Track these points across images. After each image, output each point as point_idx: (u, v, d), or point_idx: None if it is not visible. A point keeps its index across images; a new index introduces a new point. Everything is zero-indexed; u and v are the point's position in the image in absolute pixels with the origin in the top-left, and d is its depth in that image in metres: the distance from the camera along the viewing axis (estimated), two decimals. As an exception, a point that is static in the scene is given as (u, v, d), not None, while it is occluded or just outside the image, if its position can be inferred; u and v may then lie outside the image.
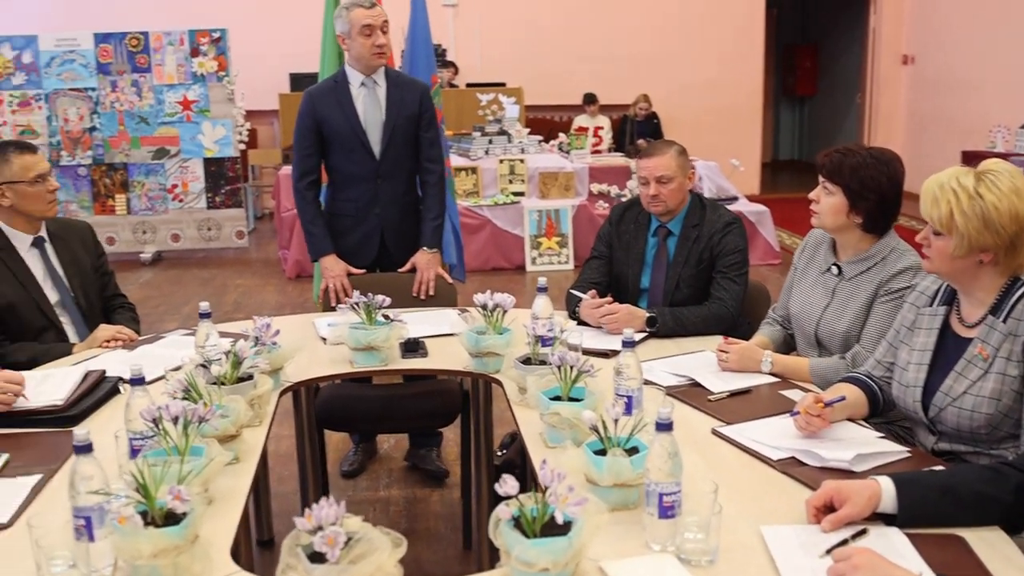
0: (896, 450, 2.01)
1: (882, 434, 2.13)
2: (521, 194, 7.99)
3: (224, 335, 2.62)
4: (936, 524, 1.68)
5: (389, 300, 2.77)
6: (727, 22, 11.19)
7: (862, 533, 1.66)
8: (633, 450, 1.81)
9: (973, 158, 7.59)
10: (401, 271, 3.64)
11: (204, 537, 1.67)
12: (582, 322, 3.05)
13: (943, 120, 10.71)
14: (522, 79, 10.14)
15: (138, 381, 1.93)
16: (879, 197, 2.48)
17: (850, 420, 2.20)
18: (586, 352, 2.62)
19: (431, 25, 9.97)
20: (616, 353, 2.68)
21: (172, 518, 1.55)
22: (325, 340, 2.92)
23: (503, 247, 7.80)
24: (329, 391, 3.36)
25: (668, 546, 1.63)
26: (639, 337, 2.91)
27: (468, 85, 10.02)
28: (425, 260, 3.61)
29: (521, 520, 1.50)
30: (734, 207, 7.75)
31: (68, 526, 1.58)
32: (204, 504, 1.77)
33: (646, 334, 2.93)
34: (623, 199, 7.44)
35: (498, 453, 3.27)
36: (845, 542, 1.62)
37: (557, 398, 2.16)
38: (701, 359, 2.68)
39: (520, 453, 2.91)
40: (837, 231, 2.60)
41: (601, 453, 1.81)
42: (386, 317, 2.78)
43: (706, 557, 1.60)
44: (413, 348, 2.85)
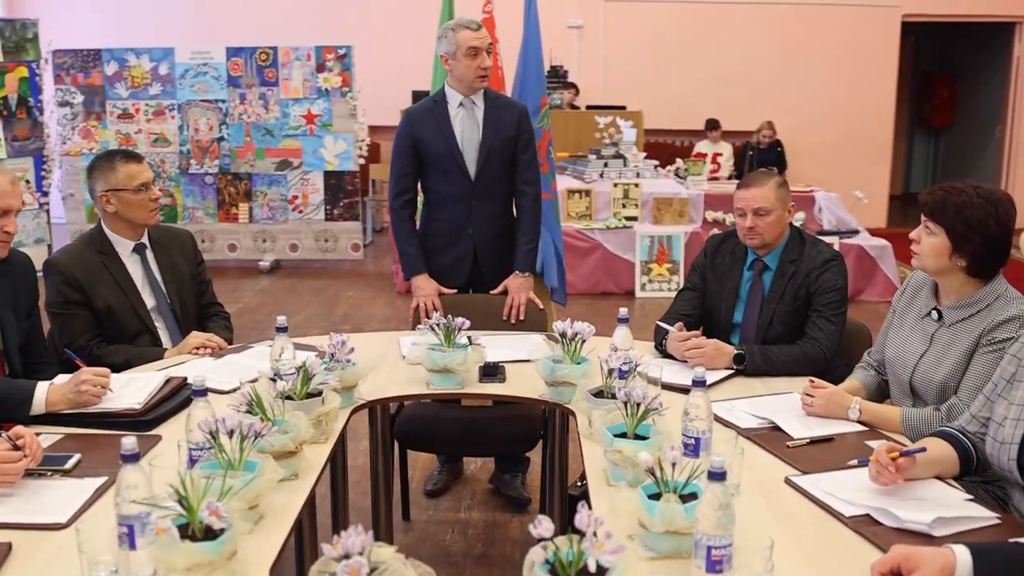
0: (984, 515, 1.86)
1: (971, 496, 1.97)
2: (634, 219, 7.89)
3: (300, 348, 2.65)
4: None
5: (468, 323, 2.74)
6: (860, 49, 10.81)
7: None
8: (691, 496, 1.73)
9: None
10: (493, 293, 3.61)
11: (246, 553, 1.68)
12: (668, 355, 2.96)
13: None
14: (644, 102, 10.03)
15: (200, 392, 1.96)
16: (985, 239, 2.31)
17: (938, 478, 2.05)
18: (666, 387, 2.55)
19: (556, 46, 10.21)
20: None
21: (211, 533, 1.55)
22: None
23: (613, 271, 7.71)
24: (412, 410, 3.36)
25: (715, 602, 1.54)
26: (726, 374, 2.80)
27: (588, 107, 9.98)
28: (517, 284, 3.58)
29: (556, 564, 1.44)
30: (854, 240, 7.47)
31: (115, 532, 1.61)
32: (250, 520, 1.78)
33: (733, 371, 2.82)
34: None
35: (578, 483, 3.20)
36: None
37: (623, 435, 2.09)
38: (786, 401, 2.56)
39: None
40: (939, 274, 2.44)
41: (656, 497, 1.73)
42: (470, 340, 2.76)
43: (753, 618, 1.51)
44: (491, 372, 2.82)
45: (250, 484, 1.75)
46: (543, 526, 1.42)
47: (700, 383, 2.07)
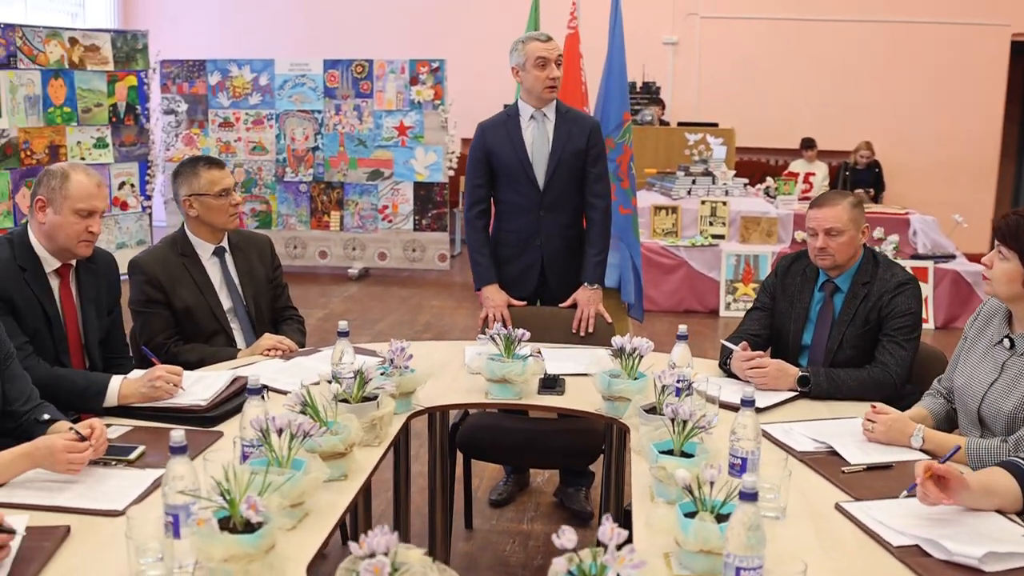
0: (1041, 553, 1.79)
1: (1031, 533, 1.89)
2: (721, 237, 7.80)
3: (361, 352, 2.71)
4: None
5: (528, 334, 2.76)
6: (966, 68, 10.46)
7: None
8: (729, 516, 1.71)
9: None
10: (562, 306, 3.63)
11: (287, 548, 1.72)
12: (733, 375, 2.92)
13: None
14: (737, 119, 9.90)
15: (255, 391, 2.03)
16: (1060, 267, 2.23)
17: (999, 512, 1.97)
18: (724, 406, 2.52)
19: (650, 62, 10.18)
20: (759, 410, 2.57)
21: (251, 526, 1.61)
22: (470, 368, 2.95)
23: (697, 290, 7.62)
24: (476, 419, 3.40)
25: (742, 625, 1.52)
26: (788, 396, 2.76)
27: (680, 124, 9.91)
28: (586, 296, 3.59)
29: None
30: (949, 265, 7.24)
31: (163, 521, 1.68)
32: (294, 517, 1.83)
33: (796, 393, 2.77)
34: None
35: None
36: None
37: (670, 451, 2.08)
38: (847, 426, 2.50)
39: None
40: (1012, 301, 2.36)
41: (693, 515, 1.72)
42: (537, 352, 2.78)
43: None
44: (551, 385, 2.83)
45: (293, 481, 1.80)
46: (566, 536, 1.43)
47: (749, 403, 2.05)
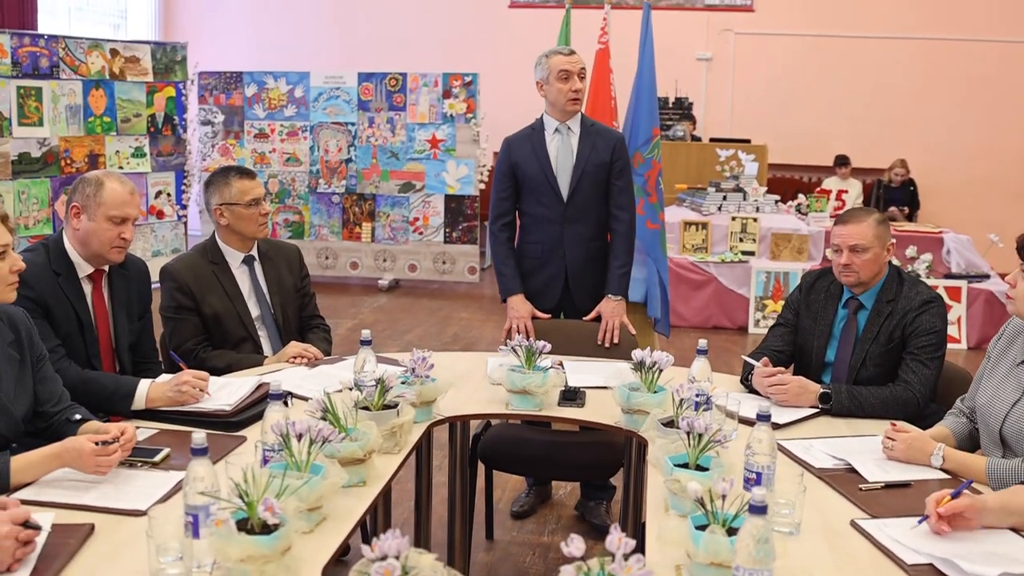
0: (1055, 574, 1.77)
1: (1048, 553, 1.88)
2: (751, 253, 7.77)
3: (384, 361, 2.74)
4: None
5: (549, 346, 2.79)
6: (1001, 87, 10.35)
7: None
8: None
9: None
10: (587, 319, 3.65)
11: (304, 551, 1.76)
12: (754, 390, 2.92)
13: None
14: (771, 136, 9.87)
15: (277, 396, 2.07)
16: (1084, 287, 2.21)
17: (1014, 530, 1.96)
18: (743, 421, 2.53)
19: (683, 77, 10.18)
20: (778, 426, 2.58)
21: (268, 528, 1.64)
22: (493, 379, 2.98)
23: (726, 306, 7.60)
24: (498, 430, 3.42)
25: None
26: (809, 412, 2.75)
27: (712, 139, 9.90)
28: (610, 308, 3.61)
29: (586, 584, 1.46)
30: (983, 285, 7.16)
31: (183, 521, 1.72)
32: (311, 521, 1.87)
33: (817, 410, 2.77)
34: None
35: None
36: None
37: (685, 465, 2.09)
38: (867, 443, 2.49)
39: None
40: (1035, 321, 2.35)
41: (704, 528, 1.73)
42: (551, 365, 2.80)
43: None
44: (571, 397, 2.85)
45: (310, 486, 1.83)
46: (574, 544, 1.45)
47: (765, 417, 2.06)
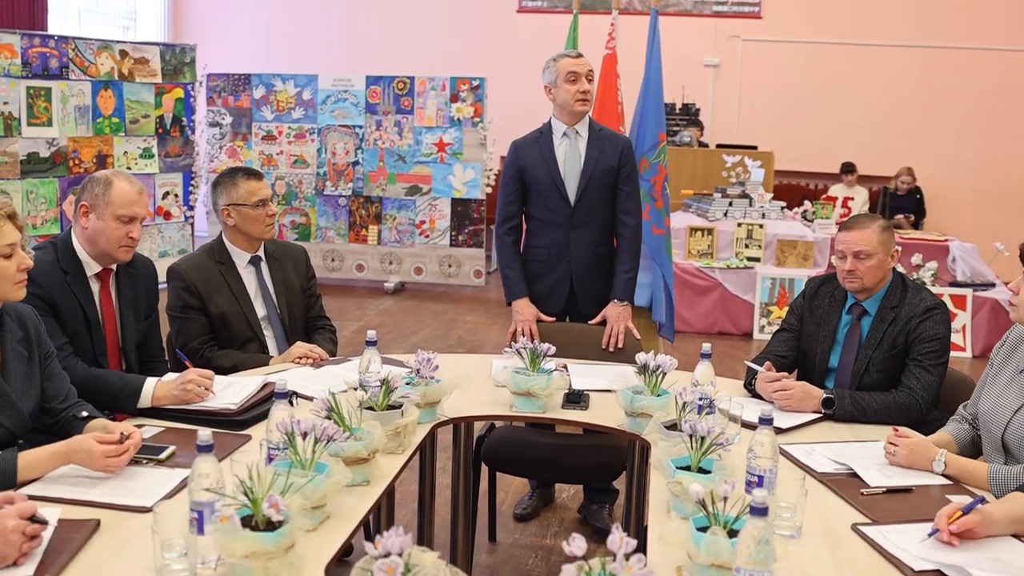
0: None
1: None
2: (756, 259, 7.77)
3: (389, 362, 2.75)
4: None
5: (554, 349, 2.80)
6: (1008, 96, 10.34)
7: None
8: (743, 532, 1.73)
9: None
10: (592, 323, 3.66)
11: (307, 549, 1.77)
12: (758, 395, 2.93)
13: None
14: (777, 142, 9.88)
15: (282, 395, 2.08)
16: (1088, 294, 2.22)
17: (1016, 537, 1.97)
18: (746, 425, 2.54)
19: (690, 83, 10.19)
20: (780, 431, 2.59)
21: (272, 525, 1.65)
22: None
23: (731, 312, 7.60)
24: (501, 432, 3.43)
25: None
26: (812, 417, 2.76)
27: (719, 145, 9.91)
28: (615, 312, 3.62)
29: (587, 583, 1.47)
30: (988, 294, 7.16)
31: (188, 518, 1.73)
32: (315, 519, 1.88)
33: (820, 415, 2.77)
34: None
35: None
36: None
37: (687, 467, 2.10)
38: (869, 449, 2.50)
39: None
40: (1039, 328, 2.35)
41: (706, 530, 1.74)
42: (564, 367, 2.81)
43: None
44: (575, 399, 2.86)
45: (314, 484, 1.85)
46: (575, 544, 1.46)
47: (767, 421, 2.07)
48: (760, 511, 1.55)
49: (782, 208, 8.29)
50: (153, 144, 7.89)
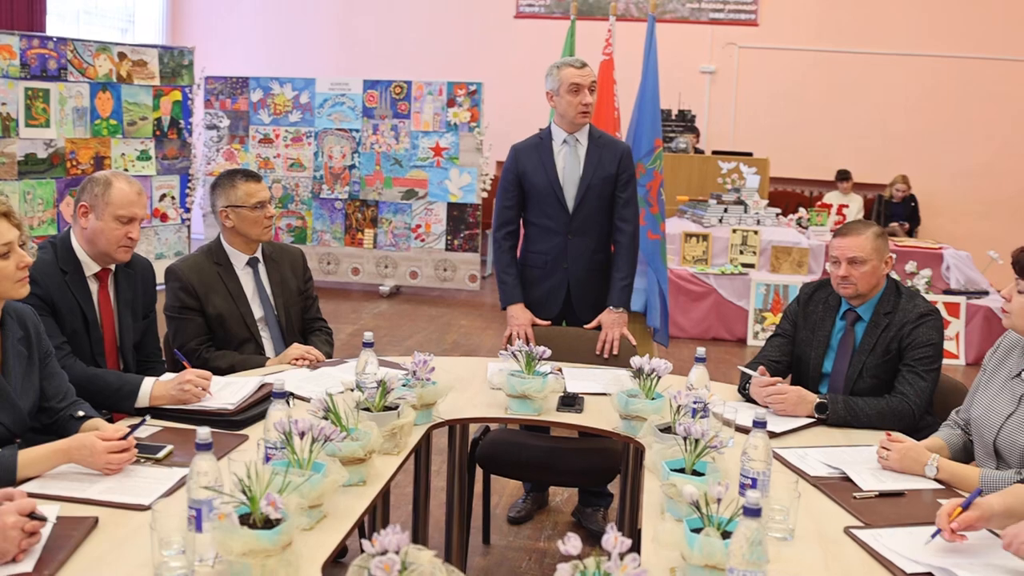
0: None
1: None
2: (751, 266, 7.80)
3: (386, 364, 2.77)
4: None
5: (549, 352, 2.81)
6: (1003, 105, 10.40)
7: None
8: (736, 533, 1.75)
9: None
10: (587, 328, 3.67)
11: (304, 548, 1.78)
12: (752, 400, 2.95)
13: None
14: (773, 149, 9.92)
15: (280, 395, 2.09)
16: (1078, 301, 2.24)
17: (1006, 539, 1.98)
18: (739, 429, 2.56)
19: (686, 90, 10.24)
20: (774, 435, 2.61)
21: (270, 523, 1.67)
22: (493, 384, 3.01)
23: (725, 318, 7.63)
24: (496, 434, 3.45)
25: (741, 638, 1.55)
26: (806, 422, 2.78)
27: (714, 152, 9.95)
28: (611, 319, 3.63)
29: (581, 582, 1.49)
30: (982, 301, 7.20)
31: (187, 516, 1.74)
32: (311, 517, 1.89)
33: (814, 420, 2.79)
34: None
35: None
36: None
37: (681, 470, 2.12)
38: (862, 453, 2.52)
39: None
40: (1031, 335, 2.37)
41: (700, 531, 1.75)
42: (550, 371, 2.82)
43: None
44: (570, 403, 2.87)
45: (312, 483, 1.86)
46: (571, 543, 1.48)
47: (760, 424, 2.08)
48: (754, 512, 1.57)
49: (777, 215, 8.32)
50: (150, 146, 7.90)
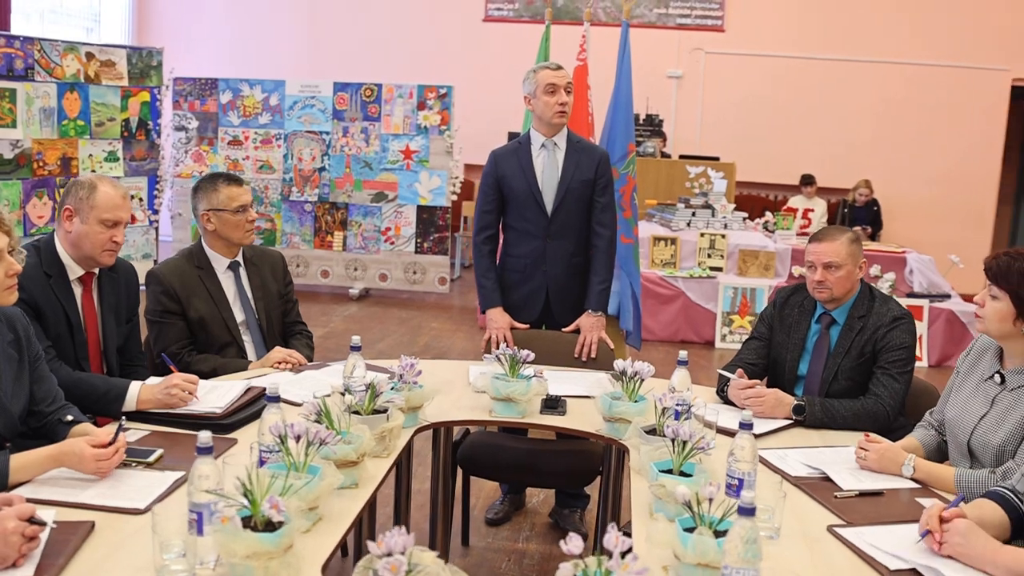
0: (1026, 579, 1.86)
1: None
2: (719, 269, 7.90)
3: (372, 369, 2.79)
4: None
5: (533, 355, 2.85)
6: (967, 113, 10.63)
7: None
8: (726, 532, 1.79)
9: None
10: (565, 331, 3.72)
11: (302, 549, 1.80)
12: (729, 402, 3.01)
13: None
14: (739, 154, 10.05)
15: (273, 399, 2.11)
16: (1049, 306, 2.32)
17: (985, 540, 2.05)
18: (721, 431, 2.60)
19: (653, 94, 10.33)
20: (755, 436, 2.66)
21: (271, 526, 1.69)
22: (474, 387, 3.04)
23: (694, 320, 7.72)
24: (477, 437, 3.47)
25: (737, 634, 1.60)
26: (783, 423, 2.84)
27: (681, 156, 10.05)
28: (589, 323, 3.67)
29: (583, 581, 1.52)
30: (944, 305, 7.35)
31: (186, 520, 1.75)
32: (309, 519, 1.91)
33: (791, 421, 2.86)
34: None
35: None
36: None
37: (668, 471, 2.16)
38: (840, 453, 2.58)
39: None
40: (1003, 338, 2.45)
41: (692, 531, 1.80)
42: (534, 374, 2.86)
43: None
44: (553, 405, 2.91)
45: (310, 486, 1.88)
46: (573, 543, 1.51)
47: (747, 426, 2.13)
48: (748, 511, 1.61)
49: (744, 219, 8.43)
50: (118, 147, 7.83)
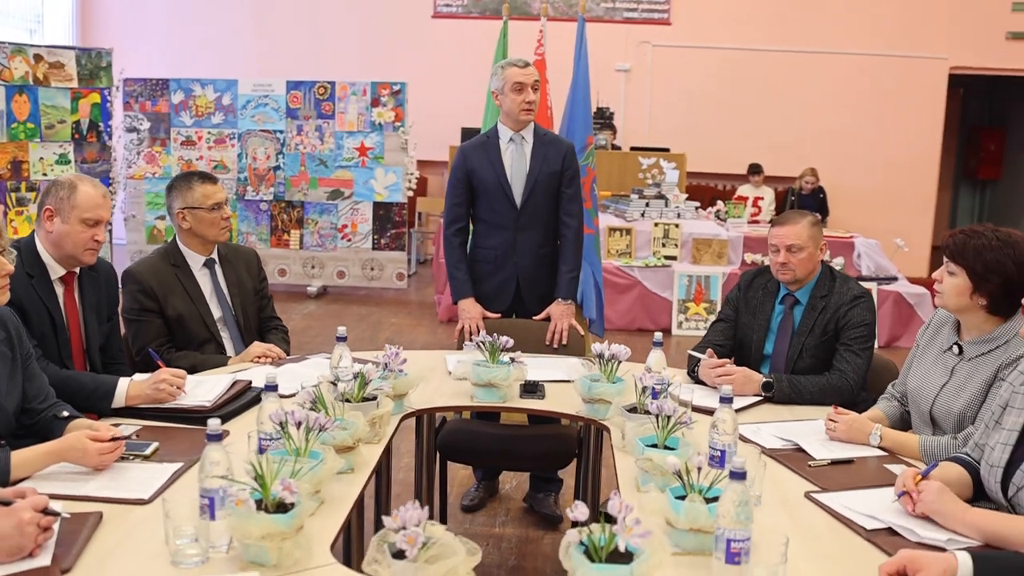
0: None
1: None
2: (673, 258, 8.05)
3: (357, 360, 2.85)
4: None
5: (512, 342, 2.93)
6: (907, 101, 10.93)
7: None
8: (714, 500, 1.89)
9: None
10: (536, 319, 3.80)
11: (310, 531, 1.86)
12: (700, 382, 3.11)
13: None
14: (688, 145, 10.23)
15: (271, 388, 2.17)
16: (1003, 280, 2.45)
17: (952, 500, 2.17)
18: (696, 409, 2.70)
19: (603, 88, 10.46)
20: (728, 413, 2.77)
21: (282, 508, 1.75)
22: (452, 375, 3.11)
23: (650, 309, 7.86)
24: (454, 424, 3.55)
25: (733, 592, 1.69)
26: (753, 400, 2.96)
27: (632, 148, 10.20)
28: (559, 310, 3.76)
29: (589, 546, 1.61)
30: (892, 287, 7.57)
31: (196, 506, 1.81)
32: (314, 502, 1.97)
33: (760, 398, 2.97)
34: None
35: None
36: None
37: (653, 446, 2.26)
38: (810, 427, 2.70)
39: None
40: (960, 312, 2.58)
41: (683, 499, 1.89)
42: (512, 359, 2.94)
43: (768, 606, 1.66)
44: (532, 390, 3.00)
45: (316, 469, 1.94)
46: (579, 510, 1.60)
47: (727, 400, 2.24)
48: (739, 475, 1.71)
49: (696, 208, 8.60)
50: (69, 150, 7.72)
